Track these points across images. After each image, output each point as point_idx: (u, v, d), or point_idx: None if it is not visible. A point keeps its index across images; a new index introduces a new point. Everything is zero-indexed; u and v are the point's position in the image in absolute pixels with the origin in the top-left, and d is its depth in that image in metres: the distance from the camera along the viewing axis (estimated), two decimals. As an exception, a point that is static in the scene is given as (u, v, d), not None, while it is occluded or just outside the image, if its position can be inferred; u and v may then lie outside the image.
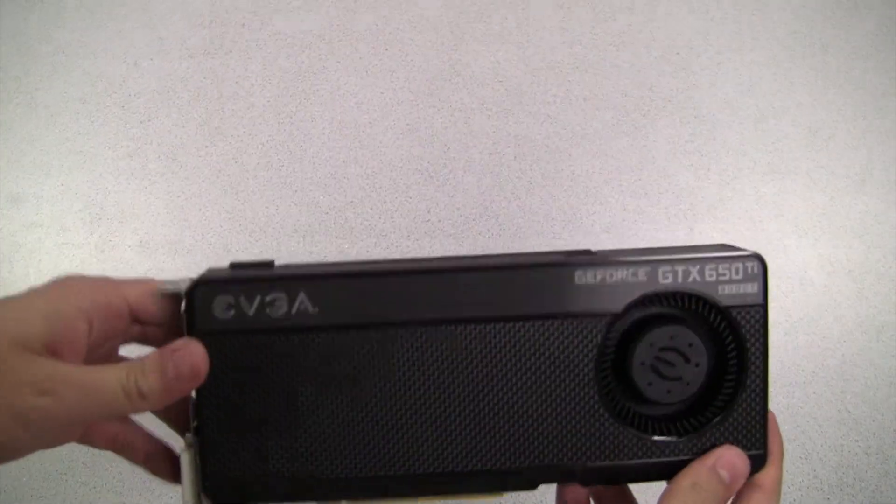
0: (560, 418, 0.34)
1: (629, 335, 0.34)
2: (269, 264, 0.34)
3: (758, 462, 0.35)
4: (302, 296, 0.32)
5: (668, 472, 0.35)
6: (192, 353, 0.31)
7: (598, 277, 0.34)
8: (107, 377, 0.30)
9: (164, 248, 0.64)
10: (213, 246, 0.65)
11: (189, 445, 0.34)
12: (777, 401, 0.59)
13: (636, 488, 0.39)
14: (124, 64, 0.69)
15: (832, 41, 0.72)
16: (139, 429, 0.36)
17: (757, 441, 0.35)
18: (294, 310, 0.32)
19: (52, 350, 0.30)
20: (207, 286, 0.33)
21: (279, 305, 0.32)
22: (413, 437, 0.34)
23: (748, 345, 0.35)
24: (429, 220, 0.65)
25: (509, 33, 0.70)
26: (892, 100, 0.70)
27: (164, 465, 0.36)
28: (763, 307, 0.34)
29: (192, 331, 0.33)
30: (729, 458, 0.34)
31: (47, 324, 0.30)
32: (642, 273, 0.34)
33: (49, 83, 0.68)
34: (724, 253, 0.34)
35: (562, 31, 0.70)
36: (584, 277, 0.34)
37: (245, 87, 0.68)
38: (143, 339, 0.35)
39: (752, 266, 0.34)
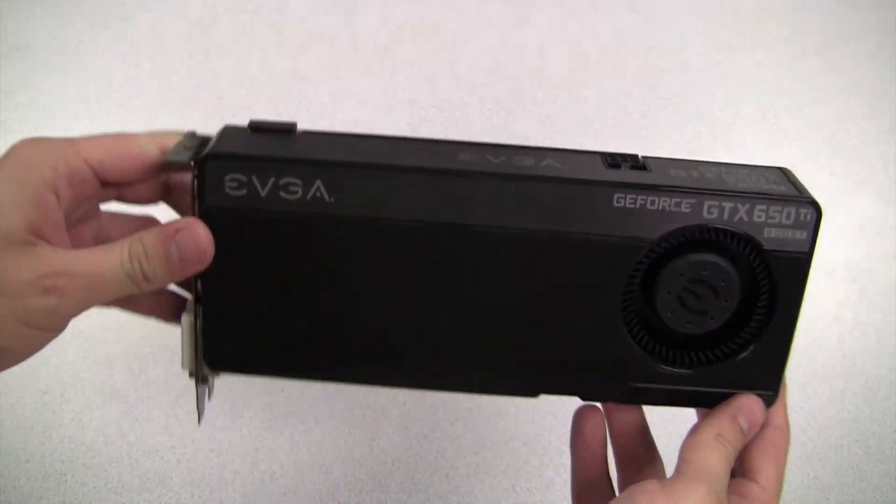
0: (575, 332, 0.33)
1: (663, 258, 0.32)
2: (290, 128, 0.32)
3: (768, 402, 0.34)
4: (318, 183, 0.31)
5: (675, 399, 0.34)
6: (196, 237, 0.30)
7: (639, 203, 0.31)
8: (109, 265, 0.29)
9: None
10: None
11: (190, 311, 0.33)
12: (777, 401, 0.59)
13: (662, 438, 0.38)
14: (124, 64, 0.69)
15: (833, 41, 0.72)
16: None
17: (772, 384, 0.34)
18: (309, 196, 0.31)
19: (39, 234, 0.29)
20: (220, 161, 0.31)
21: (293, 190, 0.31)
22: (415, 337, 0.33)
23: (782, 293, 0.33)
24: (429, 220, 0.65)
25: (510, 33, 0.70)
26: (892, 100, 0.70)
27: (172, 313, 0.35)
28: (808, 258, 0.32)
29: (200, 205, 0.31)
30: (749, 408, 0.34)
31: (20, 208, 0.28)
32: (685, 205, 0.31)
33: (49, 83, 0.68)
34: (778, 194, 0.32)
35: (562, 31, 0.70)
36: (623, 200, 0.31)
37: (245, 87, 0.68)
38: (121, 198, 0.34)
39: (806, 213, 0.32)
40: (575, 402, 0.36)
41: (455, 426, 0.57)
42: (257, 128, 0.33)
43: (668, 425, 0.37)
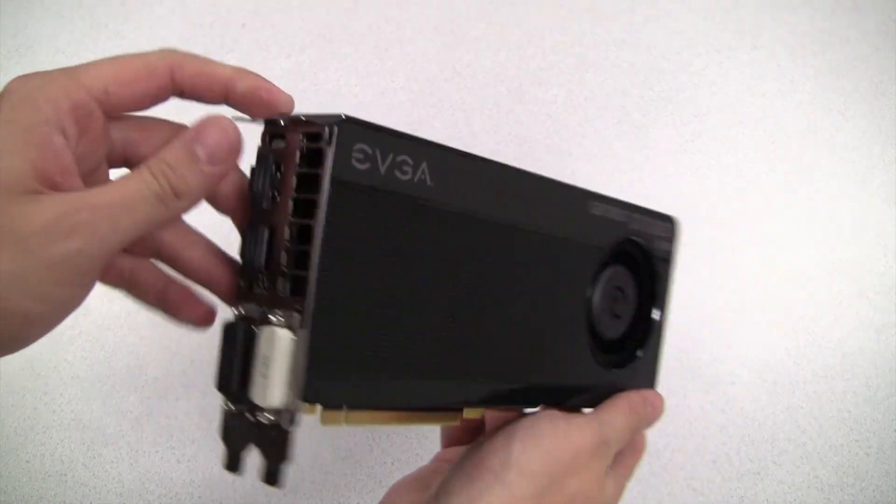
0: (545, 332, 0.36)
1: (600, 268, 0.38)
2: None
3: None
4: (424, 165, 0.29)
5: (597, 400, 0.38)
6: (222, 128, 0.27)
7: (602, 210, 0.37)
8: (132, 188, 0.25)
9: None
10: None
11: (286, 325, 0.26)
12: (777, 401, 0.59)
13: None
14: (124, 64, 0.69)
15: (833, 41, 0.72)
16: (152, 266, 0.32)
17: (652, 382, 0.41)
18: (416, 178, 0.29)
19: (48, 182, 0.25)
20: (355, 127, 0.27)
21: (405, 170, 0.28)
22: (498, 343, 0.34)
23: (659, 291, 0.41)
24: (429, 220, 0.65)
25: (509, 33, 0.70)
26: (893, 99, 0.70)
27: (178, 305, 0.31)
28: (671, 260, 0.42)
29: (327, 177, 0.27)
30: (654, 402, 0.39)
31: (22, 152, 0.24)
32: (628, 217, 0.39)
33: (49, 83, 0.68)
34: (659, 213, 0.42)
35: (562, 31, 0.70)
36: (596, 208, 0.37)
37: (245, 87, 0.68)
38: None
39: (672, 227, 0.42)
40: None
41: (455, 426, 0.57)
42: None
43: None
